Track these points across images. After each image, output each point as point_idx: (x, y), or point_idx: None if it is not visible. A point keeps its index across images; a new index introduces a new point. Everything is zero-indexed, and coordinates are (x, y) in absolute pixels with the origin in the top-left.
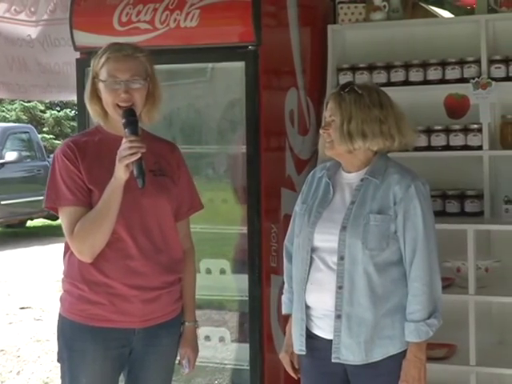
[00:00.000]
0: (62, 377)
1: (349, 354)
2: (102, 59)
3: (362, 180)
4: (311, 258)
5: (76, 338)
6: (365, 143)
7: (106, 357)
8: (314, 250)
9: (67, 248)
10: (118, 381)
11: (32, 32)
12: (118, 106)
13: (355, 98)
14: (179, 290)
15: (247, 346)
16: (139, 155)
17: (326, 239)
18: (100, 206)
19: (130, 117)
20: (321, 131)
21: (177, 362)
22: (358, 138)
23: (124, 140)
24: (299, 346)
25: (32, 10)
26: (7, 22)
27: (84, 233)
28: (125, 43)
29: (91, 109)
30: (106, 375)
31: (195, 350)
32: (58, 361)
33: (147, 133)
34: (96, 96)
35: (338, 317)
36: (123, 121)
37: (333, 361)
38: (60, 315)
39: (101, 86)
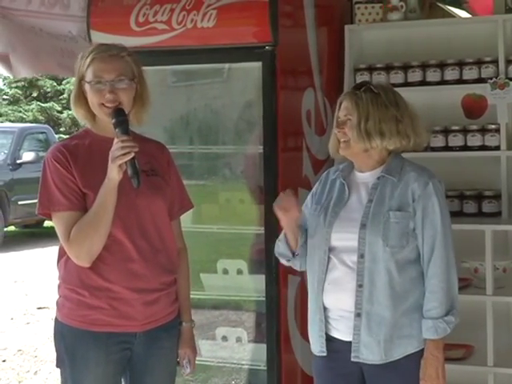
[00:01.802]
0: (64, 382)
1: (368, 353)
2: (88, 60)
3: (378, 178)
4: (329, 258)
5: (77, 344)
6: (382, 142)
7: (108, 362)
8: (331, 249)
9: (62, 253)
10: (120, 382)
11: (72, 28)
12: (103, 105)
13: (372, 97)
14: (175, 291)
15: (264, 346)
16: (132, 155)
17: (344, 238)
18: (95, 209)
19: (120, 116)
20: (335, 130)
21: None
22: (376, 137)
23: (116, 140)
24: (319, 347)
25: (65, 2)
26: (45, 18)
27: (81, 237)
28: (111, 44)
29: (78, 112)
30: (108, 380)
31: (194, 349)
32: (58, 366)
33: (135, 133)
34: (83, 98)
35: (358, 315)
36: (113, 121)
37: (352, 360)
38: (57, 320)
39: (87, 87)
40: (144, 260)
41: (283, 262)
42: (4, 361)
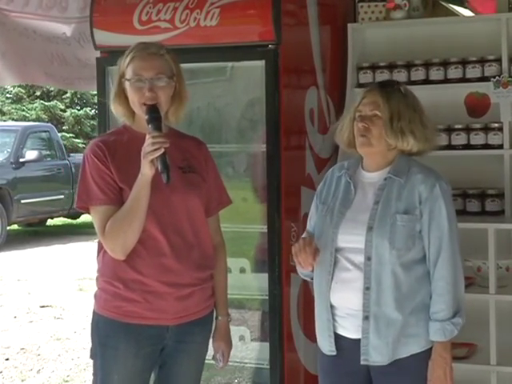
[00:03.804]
0: (95, 373)
1: (377, 355)
2: (128, 58)
3: (385, 179)
4: (335, 259)
5: (110, 334)
6: (414, 142)
7: (138, 355)
8: (337, 250)
9: (101, 247)
10: (149, 378)
11: (66, 30)
12: (144, 104)
13: (401, 96)
14: (211, 286)
15: (267, 344)
16: (162, 150)
17: (350, 240)
18: (129, 204)
19: (153, 113)
20: (359, 125)
21: (210, 357)
22: (409, 136)
23: (147, 136)
24: (329, 346)
25: (63, 5)
26: (41, 20)
27: (115, 231)
28: (150, 42)
29: (117, 109)
30: (137, 372)
31: (229, 344)
32: (91, 357)
33: (174, 130)
34: (123, 96)
35: (366, 318)
36: (146, 117)
37: (362, 363)
38: (94, 312)
39: (127, 84)
40: (177, 255)
41: (309, 280)
42: (7, 359)
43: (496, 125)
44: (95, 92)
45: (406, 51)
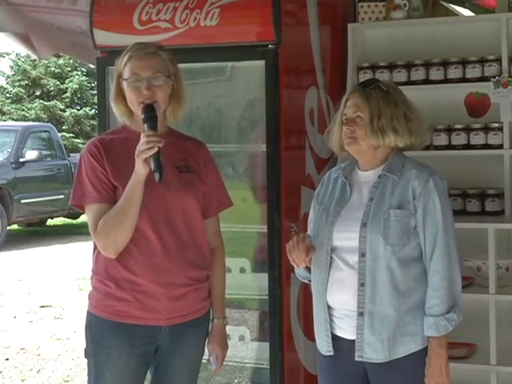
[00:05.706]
0: (88, 373)
1: (372, 352)
2: (125, 58)
3: (379, 177)
4: (331, 258)
5: (102, 333)
6: (396, 138)
7: (130, 354)
8: (333, 249)
9: (95, 246)
10: (143, 378)
11: (81, 23)
12: (142, 103)
13: (382, 94)
14: (207, 288)
15: (267, 344)
16: (156, 149)
17: (345, 237)
18: (121, 202)
19: (149, 112)
20: (345, 128)
21: (206, 359)
22: (390, 133)
23: (142, 135)
24: (326, 347)
25: None
26: (54, 14)
27: (106, 229)
28: (147, 42)
29: (117, 108)
30: (130, 372)
31: (223, 346)
32: (86, 357)
33: (174, 131)
34: (121, 96)
35: (361, 314)
36: (142, 116)
37: (356, 359)
38: (88, 312)
39: (124, 84)
40: (169, 254)
41: (307, 282)
42: (7, 359)
43: (496, 125)
44: (95, 92)
45: (406, 51)
